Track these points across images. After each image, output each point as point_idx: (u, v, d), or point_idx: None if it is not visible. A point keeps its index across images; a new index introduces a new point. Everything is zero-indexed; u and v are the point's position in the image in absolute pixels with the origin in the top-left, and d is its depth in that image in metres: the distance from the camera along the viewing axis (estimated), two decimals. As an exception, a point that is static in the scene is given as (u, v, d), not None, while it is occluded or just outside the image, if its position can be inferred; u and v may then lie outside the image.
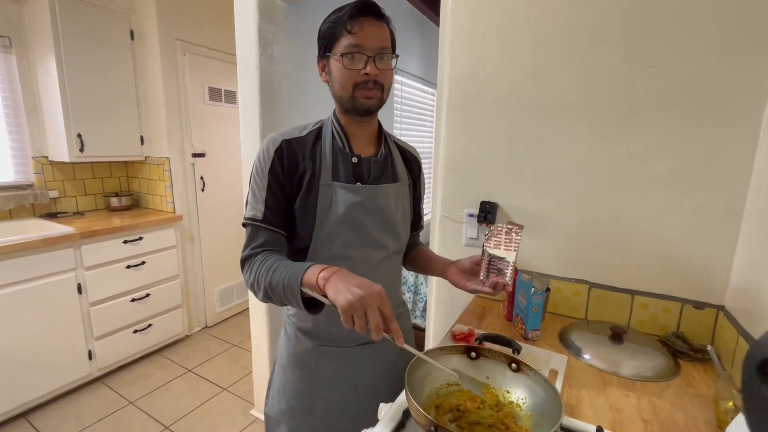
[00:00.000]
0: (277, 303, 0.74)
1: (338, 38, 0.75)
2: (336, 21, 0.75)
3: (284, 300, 0.71)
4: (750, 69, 0.93)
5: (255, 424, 1.97)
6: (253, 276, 0.75)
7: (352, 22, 0.73)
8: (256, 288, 0.75)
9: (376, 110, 0.81)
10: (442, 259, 0.94)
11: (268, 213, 0.78)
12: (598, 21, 1.06)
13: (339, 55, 0.74)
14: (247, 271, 0.77)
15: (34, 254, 1.88)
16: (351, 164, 0.82)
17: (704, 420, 0.74)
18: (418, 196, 0.99)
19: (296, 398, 0.90)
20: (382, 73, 0.76)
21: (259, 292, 0.74)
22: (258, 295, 0.75)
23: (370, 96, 0.76)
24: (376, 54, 0.74)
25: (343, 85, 0.76)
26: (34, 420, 1.92)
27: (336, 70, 0.76)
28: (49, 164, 2.40)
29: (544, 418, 0.62)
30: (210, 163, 2.84)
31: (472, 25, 1.24)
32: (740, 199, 0.97)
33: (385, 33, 0.76)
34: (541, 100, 1.17)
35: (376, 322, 0.59)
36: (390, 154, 0.89)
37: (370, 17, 0.74)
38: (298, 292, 0.66)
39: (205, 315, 2.93)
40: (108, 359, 2.25)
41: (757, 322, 0.84)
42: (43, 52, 2.18)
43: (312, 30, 1.93)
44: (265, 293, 0.73)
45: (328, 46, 0.76)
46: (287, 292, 0.68)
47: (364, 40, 0.73)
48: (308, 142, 0.82)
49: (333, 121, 0.84)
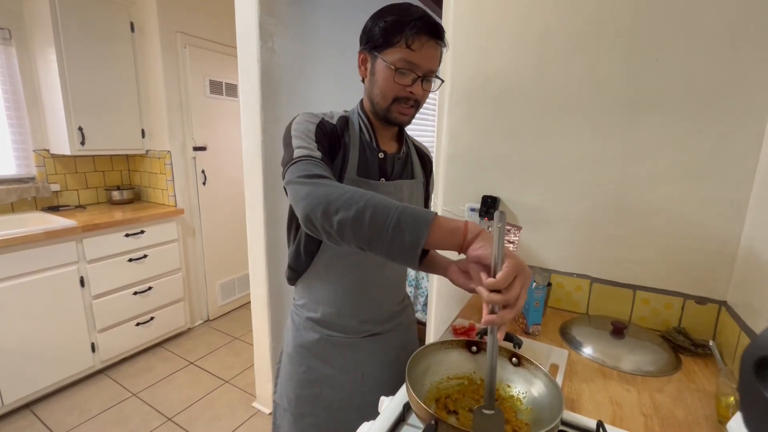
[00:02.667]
0: (362, 234, 0.56)
1: (394, 46, 0.72)
2: (397, 25, 0.71)
3: (386, 231, 0.54)
4: (756, 62, 0.91)
5: (257, 416, 1.98)
6: (343, 190, 0.58)
7: (414, 38, 0.70)
8: (341, 203, 0.56)
9: (405, 125, 0.83)
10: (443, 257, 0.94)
11: (325, 158, 0.71)
12: (602, 14, 1.05)
13: (390, 65, 0.72)
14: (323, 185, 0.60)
15: (37, 247, 1.89)
16: (378, 159, 0.82)
17: (704, 415, 0.74)
18: (428, 195, 1.00)
19: (302, 387, 0.91)
20: (423, 94, 0.77)
21: (346, 211, 0.56)
22: (339, 214, 0.56)
23: (405, 113, 0.77)
24: (426, 75, 0.74)
25: (385, 94, 0.76)
26: (39, 411, 1.94)
27: (381, 77, 0.75)
28: (51, 157, 2.39)
29: (545, 412, 0.62)
30: (211, 157, 2.83)
31: (476, 19, 1.22)
32: (745, 194, 0.96)
33: (438, 54, 0.75)
34: (544, 94, 1.16)
35: (522, 304, 0.52)
36: (410, 152, 0.91)
37: (432, 38, 0.72)
38: (427, 226, 0.53)
39: (207, 308, 2.94)
40: (111, 352, 2.27)
41: (760, 317, 0.84)
42: (43, 44, 2.17)
43: (314, 22, 1.92)
44: (359, 214, 0.55)
45: (379, 47, 0.73)
46: (405, 221, 0.53)
47: (420, 60, 0.72)
48: (338, 128, 0.81)
49: (360, 114, 0.84)
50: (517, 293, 0.50)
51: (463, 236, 0.54)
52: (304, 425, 0.92)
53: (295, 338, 0.92)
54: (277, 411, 0.98)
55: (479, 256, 0.53)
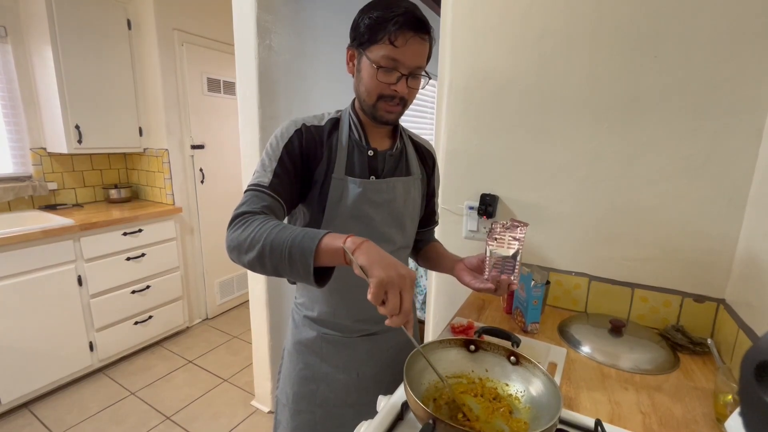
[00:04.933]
0: (269, 268, 0.64)
1: (378, 42, 0.71)
2: (380, 21, 0.70)
3: (284, 263, 0.61)
4: (755, 59, 0.91)
5: (255, 414, 1.98)
6: (250, 232, 0.64)
7: (397, 34, 0.69)
8: (246, 246, 0.64)
9: (393, 124, 0.81)
10: (451, 255, 0.93)
11: (276, 182, 0.74)
12: (601, 11, 1.04)
13: (375, 64, 0.72)
14: (239, 228, 0.66)
15: (34, 246, 1.88)
16: (367, 157, 0.82)
17: (703, 413, 0.74)
18: (432, 191, 0.97)
19: (300, 384, 0.92)
20: (410, 91, 0.75)
21: (250, 252, 0.63)
22: (246, 255, 0.64)
23: (391, 111, 0.76)
24: (411, 72, 0.73)
25: (370, 92, 0.75)
26: (37, 410, 1.94)
27: (366, 75, 0.74)
28: (48, 156, 2.38)
29: (543, 410, 0.62)
30: (209, 155, 2.82)
31: (474, 16, 1.22)
32: (744, 191, 0.96)
33: (425, 50, 0.74)
34: (543, 92, 1.15)
35: (408, 307, 0.56)
36: (405, 148, 0.89)
37: (416, 34, 0.70)
38: (312, 254, 0.59)
39: (206, 307, 2.94)
40: (109, 350, 2.27)
41: (758, 315, 0.84)
42: (40, 41, 2.15)
43: (311, 19, 1.91)
44: (260, 254, 0.63)
45: (365, 43, 0.73)
46: (295, 253, 0.60)
47: (403, 57, 0.70)
48: (325, 131, 0.81)
49: (351, 113, 0.83)
50: (393, 303, 0.55)
51: (343, 255, 0.59)
52: (300, 421, 0.92)
53: (294, 335, 0.93)
54: (278, 406, 0.99)
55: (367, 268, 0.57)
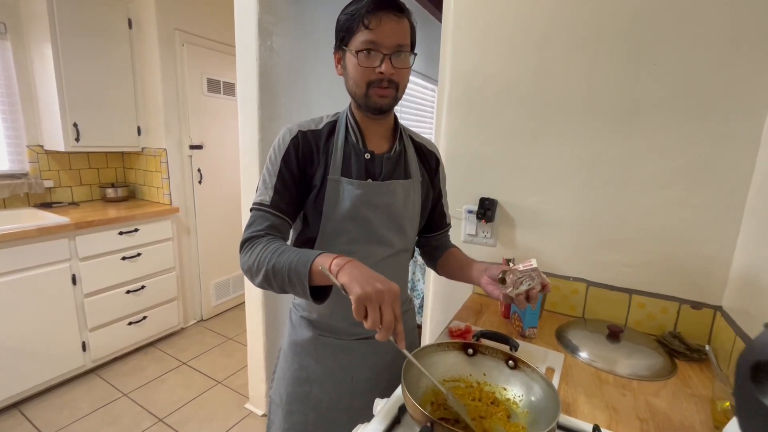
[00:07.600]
0: (277, 289, 0.70)
1: (355, 32, 0.71)
2: (354, 13, 0.71)
3: (286, 285, 0.67)
4: (754, 67, 0.92)
5: (249, 417, 1.96)
6: (255, 257, 0.70)
7: (369, 17, 0.69)
8: (254, 270, 0.70)
9: (389, 109, 0.79)
10: (474, 265, 0.87)
11: (276, 198, 0.76)
12: (601, 18, 1.05)
13: (354, 51, 0.72)
14: (247, 253, 0.73)
15: (29, 244, 1.86)
16: (364, 160, 0.81)
17: (700, 420, 0.74)
18: (438, 192, 0.95)
19: (293, 385, 0.91)
20: (397, 72, 0.74)
21: (258, 276, 0.70)
22: (256, 278, 0.71)
23: (383, 95, 0.75)
24: (393, 52, 0.72)
25: (357, 82, 0.75)
26: (27, 410, 1.91)
27: (351, 66, 0.74)
28: (45, 153, 2.37)
29: (541, 415, 0.62)
30: (207, 156, 2.81)
31: (475, 21, 1.22)
32: (741, 199, 0.97)
33: (404, 29, 0.73)
34: (542, 97, 1.16)
35: (389, 320, 0.57)
36: (404, 150, 0.88)
37: (390, 12, 0.70)
38: (306, 277, 0.64)
39: (201, 308, 2.92)
40: (102, 351, 2.24)
41: (755, 323, 0.84)
42: (39, 39, 2.14)
43: (313, 21, 1.91)
44: (266, 277, 0.69)
45: (345, 39, 0.74)
46: (293, 276, 0.65)
47: (380, 37, 0.70)
48: (323, 135, 0.81)
49: (348, 115, 0.83)
50: (373, 318, 0.57)
51: (333, 274, 0.61)
52: (293, 422, 0.91)
53: (290, 335, 0.93)
54: (272, 406, 0.98)
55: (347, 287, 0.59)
